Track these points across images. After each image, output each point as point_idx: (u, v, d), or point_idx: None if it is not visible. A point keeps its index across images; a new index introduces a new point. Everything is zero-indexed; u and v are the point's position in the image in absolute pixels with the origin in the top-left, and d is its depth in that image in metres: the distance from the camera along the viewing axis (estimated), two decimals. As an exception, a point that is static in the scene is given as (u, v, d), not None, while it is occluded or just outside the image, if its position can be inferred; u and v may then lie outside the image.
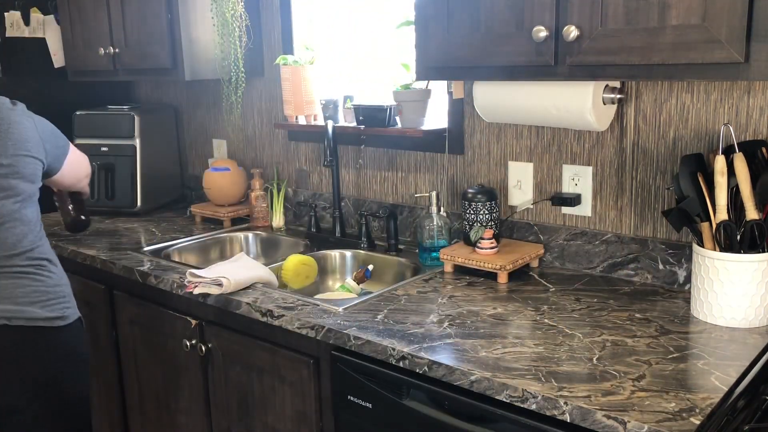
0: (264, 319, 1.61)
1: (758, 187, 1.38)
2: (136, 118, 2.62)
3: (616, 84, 1.62)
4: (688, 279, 1.62)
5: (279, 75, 2.35)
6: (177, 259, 2.19)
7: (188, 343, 1.85)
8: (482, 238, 1.79)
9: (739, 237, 1.39)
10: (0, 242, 1.58)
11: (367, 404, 1.45)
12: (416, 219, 2.09)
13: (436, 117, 2.11)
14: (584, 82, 1.55)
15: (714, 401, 1.11)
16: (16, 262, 1.61)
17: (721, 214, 1.38)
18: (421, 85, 2.02)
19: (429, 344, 1.37)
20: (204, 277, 1.75)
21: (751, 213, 1.37)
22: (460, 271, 1.82)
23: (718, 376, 1.20)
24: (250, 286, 1.76)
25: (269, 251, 2.36)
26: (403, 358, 1.35)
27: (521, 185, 1.91)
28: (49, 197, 2.02)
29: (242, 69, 2.31)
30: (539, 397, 1.16)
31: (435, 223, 1.93)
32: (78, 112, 2.70)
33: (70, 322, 1.67)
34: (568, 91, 1.58)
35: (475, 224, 1.84)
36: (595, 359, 1.28)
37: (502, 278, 1.73)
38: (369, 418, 1.46)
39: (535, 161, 1.87)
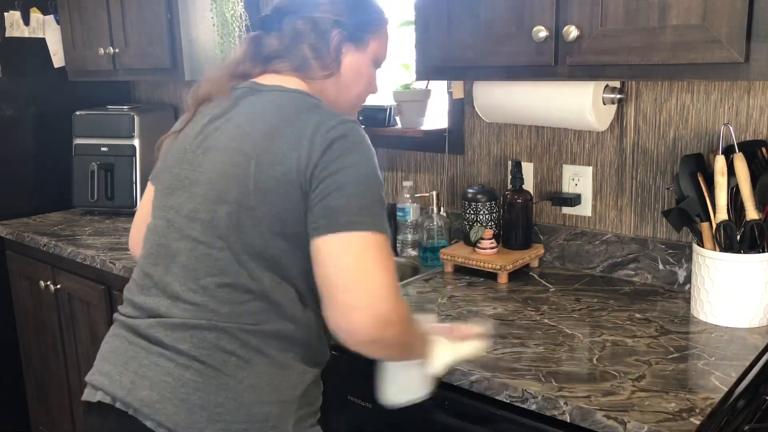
0: (264, 319, 1.61)
1: (758, 187, 1.38)
2: (136, 118, 2.62)
3: (616, 84, 1.62)
4: (688, 279, 1.62)
5: (279, 75, 2.35)
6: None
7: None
8: (482, 238, 1.79)
9: (739, 237, 1.39)
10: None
11: (367, 404, 1.45)
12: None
13: (436, 117, 2.11)
14: (584, 82, 1.55)
15: (714, 401, 1.11)
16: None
17: (721, 214, 1.38)
18: (421, 85, 2.02)
19: (429, 344, 1.37)
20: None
21: (751, 213, 1.37)
22: (460, 271, 1.82)
23: (718, 376, 1.20)
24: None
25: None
26: (403, 358, 1.35)
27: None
28: None
29: (242, 69, 2.31)
30: (539, 397, 1.16)
31: (435, 223, 1.93)
32: (78, 112, 2.70)
33: None
34: (568, 91, 1.58)
35: (475, 224, 1.84)
36: (595, 359, 1.28)
37: (502, 278, 1.73)
38: (369, 418, 1.45)
39: (535, 161, 1.87)
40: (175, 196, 1.17)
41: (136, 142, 2.62)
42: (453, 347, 1.23)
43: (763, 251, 1.38)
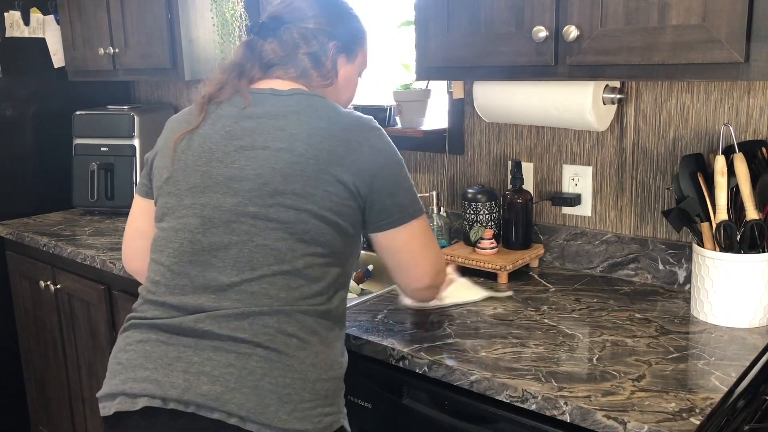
0: (264, 319, 1.61)
1: (758, 187, 1.38)
2: (136, 118, 2.62)
3: (616, 84, 1.62)
4: (688, 279, 1.62)
5: (279, 75, 2.35)
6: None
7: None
8: (482, 238, 1.79)
9: (739, 237, 1.39)
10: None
11: (367, 404, 1.45)
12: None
13: (436, 117, 2.11)
14: (584, 82, 1.55)
15: (714, 401, 1.11)
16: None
17: (721, 214, 1.38)
18: (421, 85, 2.02)
19: (429, 344, 1.37)
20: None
21: (751, 213, 1.37)
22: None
23: (718, 376, 1.20)
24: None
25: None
26: (403, 358, 1.35)
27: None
28: None
29: (242, 69, 2.31)
30: (539, 397, 1.16)
31: (435, 223, 1.93)
32: (78, 112, 2.70)
33: None
34: (568, 91, 1.58)
35: (475, 224, 1.84)
36: (595, 359, 1.28)
37: (502, 278, 1.73)
38: (369, 418, 1.45)
39: (535, 161, 1.87)
40: (209, 193, 1.18)
41: (136, 142, 2.62)
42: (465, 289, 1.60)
43: (763, 251, 1.38)
